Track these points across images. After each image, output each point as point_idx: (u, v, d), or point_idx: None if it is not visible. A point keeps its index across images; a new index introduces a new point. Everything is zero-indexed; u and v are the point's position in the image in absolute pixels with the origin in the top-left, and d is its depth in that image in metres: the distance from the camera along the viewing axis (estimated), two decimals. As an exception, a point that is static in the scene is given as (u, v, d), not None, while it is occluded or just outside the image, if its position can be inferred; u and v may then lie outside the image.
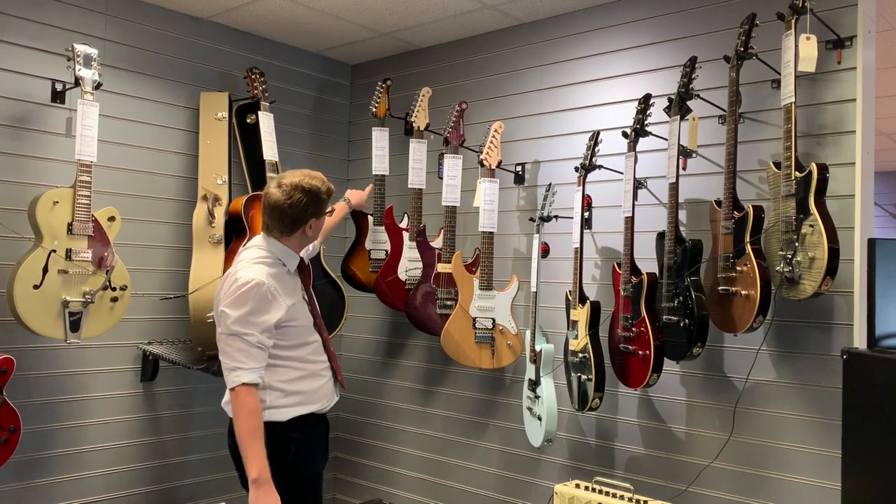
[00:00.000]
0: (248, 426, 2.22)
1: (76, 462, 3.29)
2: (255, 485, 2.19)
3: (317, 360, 2.47)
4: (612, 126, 3.21)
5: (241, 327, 2.26)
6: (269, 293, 2.30)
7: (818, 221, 2.41)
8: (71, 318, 2.90)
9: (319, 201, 2.41)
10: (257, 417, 2.24)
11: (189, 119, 3.66)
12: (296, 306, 2.40)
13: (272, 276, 2.35)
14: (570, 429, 3.34)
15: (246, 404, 2.24)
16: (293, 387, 2.40)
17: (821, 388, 2.67)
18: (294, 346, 2.41)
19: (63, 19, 3.24)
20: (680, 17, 3.11)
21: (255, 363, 2.27)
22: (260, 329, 2.28)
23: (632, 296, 2.88)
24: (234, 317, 2.26)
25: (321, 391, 2.47)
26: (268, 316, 2.29)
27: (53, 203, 2.86)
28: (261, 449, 2.22)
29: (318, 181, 2.42)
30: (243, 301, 2.27)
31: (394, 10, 3.53)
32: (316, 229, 2.46)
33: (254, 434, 2.22)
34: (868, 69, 2.66)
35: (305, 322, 2.45)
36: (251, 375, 2.26)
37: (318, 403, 2.46)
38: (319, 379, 2.47)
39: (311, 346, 2.46)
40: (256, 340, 2.27)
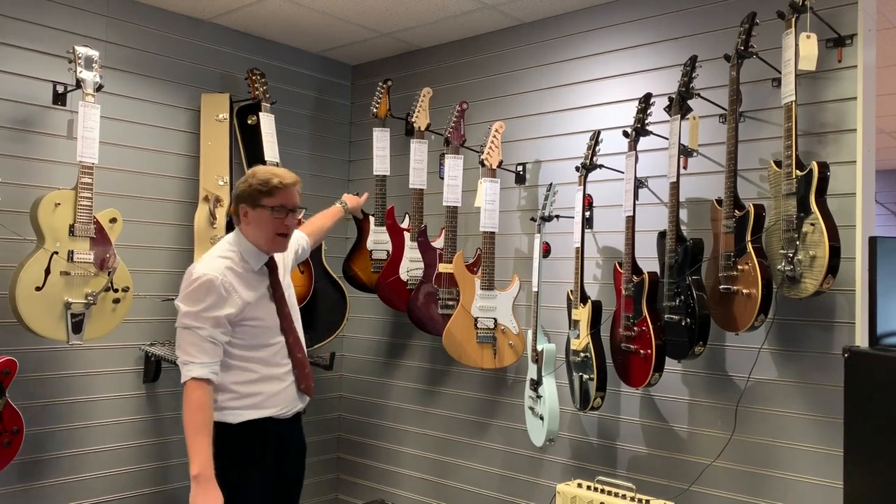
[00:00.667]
0: (192, 421, 2.19)
1: (79, 463, 3.30)
2: (196, 481, 2.15)
3: (278, 363, 2.40)
4: (613, 125, 3.21)
5: (192, 321, 2.24)
6: (222, 288, 2.26)
7: (819, 220, 2.41)
8: (73, 319, 2.90)
9: (251, 189, 2.33)
10: (203, 413, 2.20)
11: (190, 120, 3.67)
12: (257, 305, 2.35)
13: (230, 271, 2.31)
14: (572, 428, 3.34)
15: (192, 399, 2.20)
16: (247, 389, 2.33)
17: (823, 386, 2.67)
18: (253, 346, 2.35)
19: (64, 21, 3.25)
20: (680, 17, 3.11)
21: (207, 358, 2.24)
22: (211, 324, 2.24)
23: (633, 295, 2.88)
24: (185, 311, 2.26)
25: (280, 396, 2.39)
26: (219, 311, 2.25)
27: (55, 205, 2.87)
28: (204, 445, 2.17)
29: (265, 173, 2.36)
30: (195, 296, 2.26)
31: (394, 10, 3.53)
32: (255, 221, 2.35)
33: (199, 430, 2.18)
34: (869, 67, 2.66)
35: (269, 323, 2.38)
36: (202, 370, 2.22)
37: (274, 408, 2.38)
38: (278, 383, 2.39)
39: (273, 348, 2.39)
40: (207, 334, 2.23)
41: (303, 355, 2.48)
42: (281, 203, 2.35)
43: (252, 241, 2.38)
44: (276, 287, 2.43)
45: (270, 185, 2.33)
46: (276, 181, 2.33)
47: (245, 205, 2.36)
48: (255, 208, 2.34)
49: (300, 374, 2.45)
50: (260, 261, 2.40)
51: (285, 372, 2.41)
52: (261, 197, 2.33)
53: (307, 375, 2.48)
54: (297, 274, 3.56)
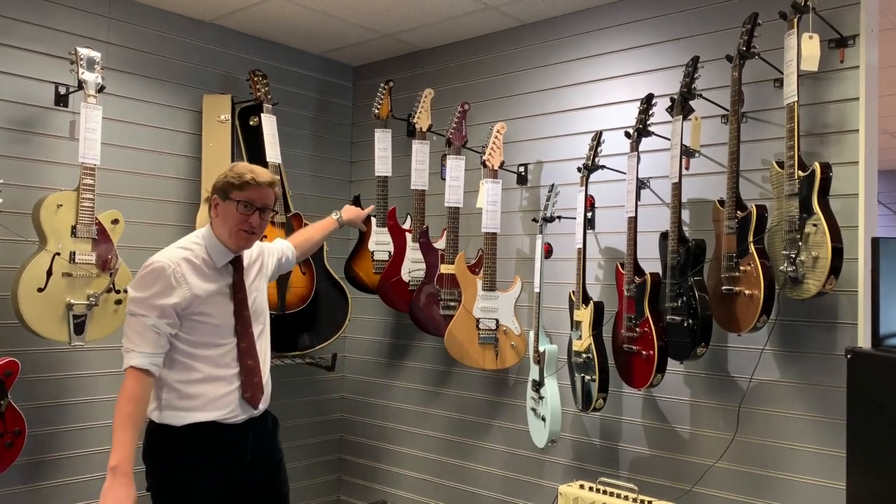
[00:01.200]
0: (121, 412, 2.15)
1: (81, 465, 3.30)
2: (112, 473, 2.10)
3: (226, 364, 2.31)
4: (615, 126, 3.21)
5: (138, 308, 2.20)
6: (172, 277, 2.21)
7: (822, 220, 2.41)
8: (75, 320, 2.90)
9: (225, 181, 2.29)
10: (133, 406, 2.15)
11: (192, 121, 3.67)
12: (209, 300, 2.28)
13: (185, 262, 2.26)
14: (573, 429, 3.33)
15: (126, 389, 2.16)
16: (191, 389, 2.26)
17: (825, 387, 2.66)
18: (200, 344, 2.27)
19: (66, 23, 3.25)
20: (682, 17, 3.11)
21: (148, 347, 2.18)
22: (157, 313, 2.19)
23: (635, 296, 2.88)
24: (133, 296, 2.22)
25: (225, 399, 2.30)
26: (165, 300, 2.20)
27: (57, 206, 2.87)
28: (127, 438, 2.12)
29: (242, 168, 2.33)
30: (143, 283, 2.22)
31: (395, 11, 3.53)
32: (223, 214, 2.30)
33: (125, 421, 2.14)
34: (871, 68, 2.66)
35: (220, 321, 2.30)
36: (141, 359, 2.17)
37: (218, 411, 2.28)
38: (223, 385, 2.30)
39: (221, 349, 2.30)
40: (152, 324, 2.18)
41: (254, 363, 2.36)
42: (249, 199, 2.29)
43: (218, 237, 2.33)
44: (237, 287, 2.36)
45: (243, 179, 2.28)
46: (249, 176, 2.29)
47: (217, 195, 2.32)
48: (224, 200, 2.30)
49: (246, 382, 2.33)
50: (224, 258, 2.33)
51: (232, 375, 2.31)
52: (231, 190, 2.29)
53: (255, 385, 2.35)
54: (299, 275, 3.56)
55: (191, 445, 2.27)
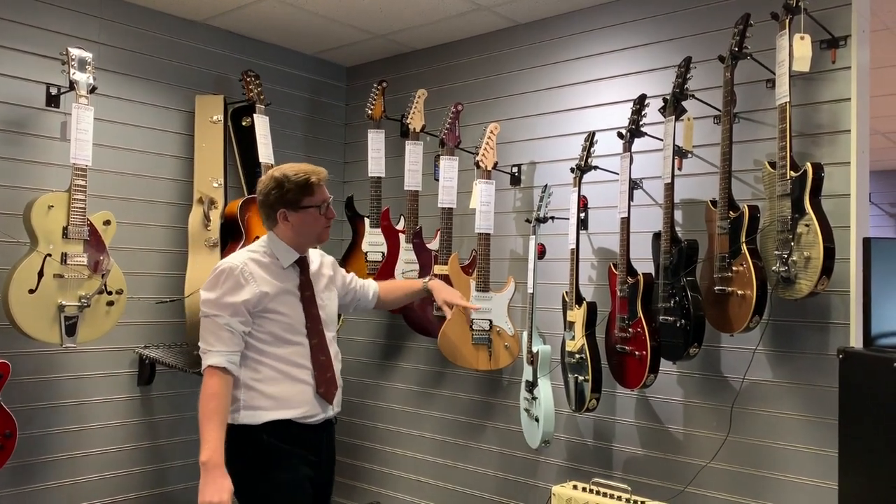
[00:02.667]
0: (205, 408, 2.19)
1: (73, 467, 3.28)
2: (204, 468, 2.15)
3: (298, 363, 2.34)
4: (608, 127, 3.21)
5: (210, 308, 2.25)
6: (241, 276, 2.26)
7: (814, 221, 2.42)
8: (67, 322, 2.89)
9: (284, 190, 2.31)
10: (216, 401, 2.20)
11: (184, 122, 3.66)
12: (279, 298, 2.31)
13: (253, 262, 2.31)
14: (567, 430, 3.34)
15: (207, 386, 2.21)
16: (268, 388, 2.29)
17: (817, 387, 2.67)
18: (272, 342, 2.31)
19: (57, 23, 3.24)
20: (674, 18, 3.11)
21: (223, 346, 2.23)
22: (229, 311, 2.23)
23: (628, 296, 2.88)
24: (205, 299, 2.27)
25: (299, 398, 2.33)
26: (236, 297, 2.24)
27: (48, 207, 2.86)
28: (214, 432, 2.17)
29: (293, 170, 2.33)
30: (214, 283, 2.27)
31: (388, 12, 3.53)
32: (298, 223, 2.33)
33: (210, 416, 2.18)
34: (862, 68, 2.67)
35: (291, 320, 2.33)
36: (217, 358, 2.22)
37: (296, 409, 2.32)
38: (297, 384, 2.33)
39: (293, 347, 2.33)
40: (225, 322, 2.23)
41: (326, 359, 2.40)
42: (323, 198, 2.36)
43: (287, 241, 2.36)
44: (305, 286, 2.39)
45: (310, 183, 2.32)
46: (313, 178, 2.33)
47: (284, 209, 2.33)
48: (296, 211, 2.33)
49: (320, 377, 2.36)
50: (290, 258, 2.37)
51: (305, 372, 2.35)
52: (303, 197, 2.32)
53: (328, 380, 2.39)
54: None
55: (270, 444, 2.29)
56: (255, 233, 3.42)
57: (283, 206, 2.33)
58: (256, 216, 3.46)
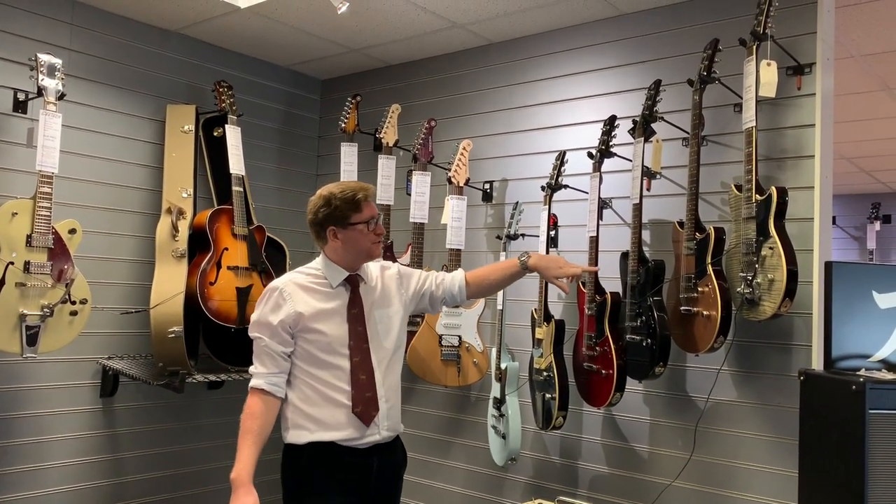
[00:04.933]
0: (242, 427, 2.22)
1: (32, 479, 3.21)
2: (233, 485, 2.17)
3: (335, 385, 2.26)
4: (578, 146, 3.25)
5: (254, 331, 2.28)
6: (281, 296, 2.26)
7: (777, 244, 2.45)
8: (28, 331, 2.84)
9: (332, 207, 2.29)
10: (252, 420, 2.21)
11: (155, 131, 3.63)
12: (321, 317, 2.27)
13: (296, 283, 2.30)
14: (534, 447, 3.34)
15: (247, 406, 2.24)
16: (309, 409, 2.27)
17: (780, 408, 2.70)
18: (313, 363, 2.27)
19: (27, 28, 3.20)
20: (645, 41, 3.16)
21: (264, 368, 2.25)
22: (268, 333, 2.24)
23: (596, 315, 2.90)
24: (252, 320, 2.30)
25: (338, 420, 2.25)
26: (273, 318, 2.24)
27: (12, 214, 2.81)
28: (245, 451, 2.18)
29: (339, 188, 2.32)
30: (259, 305, 2.30)
31: (364, 27, 3.54)
32: (347, 240, 2.30)
33: (244, 435, 2.20)
34: (827, 95, 2.72)
35: (331, 339, 2.27)
36: (257, 380, 2.25)
37: (337, 432, 2.25)
38: (334, 407, 2.26)
39: (335, 370, 2.27)
40: (264, 345, 2.24)
41: (368, 377, 2.30)
42: (372, 214, 2.33)
43: (337, 260, 2.33)
44: (353, 304, 2.33)
45: (357, 199, 2.30)
46: (361, 195, 2.31)
47: (334, 226, 2.30)
48: (345, 228, 2.30)
49: (357, 396, 2.27)
50: (339, 276, 2.33)
51: (342, 396, 2.27)
52: (352, 214, 2.30)
53: (366, 400, 2.28)
54: (260, 287, 3.52)
55: (314, 465, 2.26)
56: (223, 244, 3.40)
57: (333, 224, 2.31)
58: (225, 227, 3.44)
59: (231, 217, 3.45)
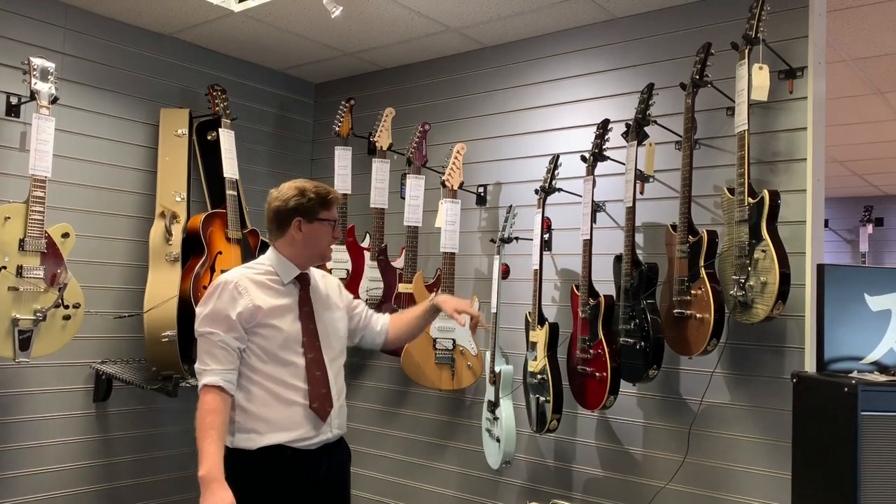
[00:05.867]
0: (201, 423, 2.14)
1: (25, 484, 3.20)
2: (203, 483, 2.09)
3: (290, 383, 2.25)
4: (572, 150, 3.25)
5: (205, 326, 2.21)
6: (235, 290, 2.22)
7: (770, 247, 2.46)
8: (21, 336, 2.83)
9: (305, 198, 2.29)
10: (213, 416, 2.14)
11: (148, 135, 3.62)
12: (274, 313, 2.25)
13: (249, 279, 2.26)
14: (528, 450, 3.34)
15: (203, 402, 2.16)
16: (260, 410, 2.22)
17: (774, 410, 2.71)
18: (266, 360, 2.24)
19: (20, 32, 3.19)
20: (638, 45, 3.17)
21: (218, 364, 2.18)
22: (223, 327, 2.19)
23: (590, 318, 2.90)
24: (199, 313, 2.24)
25: (292, 419, 2.24)
26: (230, 311, 2.19)
27: (5, 219, 2.80)
28: (212, 447, 2.11)
29: (312, 183, 2.34)
30: (207, 299, 2.24)
31: (358, 30, 3.54)
32: (309, 234, 2.30)
33: (206, 431, 2.13)
34: (819, 99, 2.74)
35: (286, 335, 2.26)
36: (212, 377, 2.17)
37: (290, 432, 2.23)
38: (288, 406, 2.24)
39: (289, 368, 2.26)
40: (219, 340, 2.19)
41: (322, 374, 2.31)
42: (335, 216, 2.37)
43: (290, 256, 2.33)
44: (304, 301, 2.34)
45: (329, 198, 2.33)
46: (332, 196, 2.34)
47: (301, 218, 2.30)
48: (311, 222, 2.31)
49: (313, 392, 2.27)
50: (291, 273, 2.33)
51: (297, 395, 2.26)
52: (320, 210, 2.32)
53: (322, 396, 2.29)
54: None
55: (264, 471, 2.22)
56: (216, 248, 3.39)
57: (301, 215, 2.30)
58: (219, 231, 3.43)
59: (225, 221, 3.45)
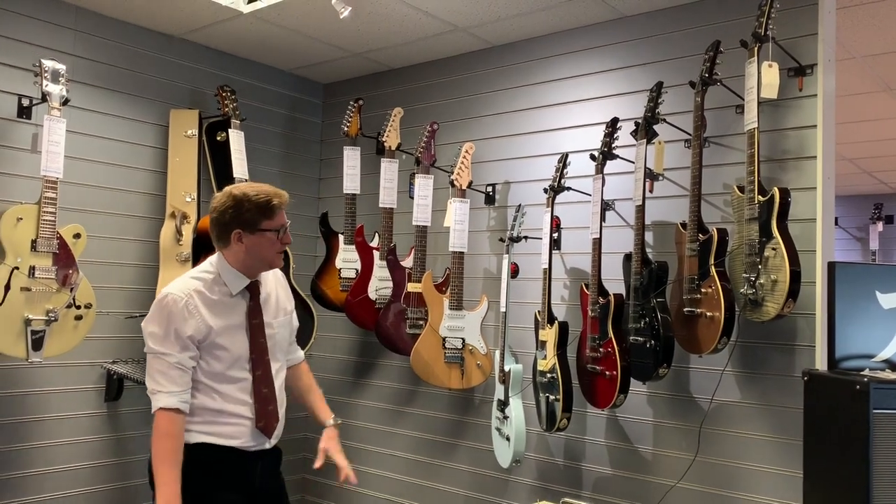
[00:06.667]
0: (158, 449, 2.09)
1: (37, 484, 3.22)
2: None
3: (238, 398, 2.22)
4: (581, 148, 3.25)
5: (158, 346, 2.13)
6: (186, 310, 2.14)
7: (780, 245, 2.46)
8: (33, 336, 2.85)
9: (242, 210, 2.17)
10: (170, 441, 2.09)
11: (158, 136, 3.64)
12: (224, 333, 2.19)
13: (198, 293, 2.18)
14: (538, 449, 3.34)
15: (159, 427, 2.10)
16: (204, 417, 2.19)
17: (784, 408, 2.71)
18: (214, 379, 2.19)
19: (31, 35, 3.21)
20: (647, 43, 3.16)
21: (175, 386, 2.12)
22: (178, 348, 2.12)
23: (599, 316, 2.90)
24: (151, 332, 2.14)
25: (238, 430, 2.22)
26: (184, 332, 2.12)
27: (17, 219, 2.82)
28: (170, 475, 2.06)
29: (254, 190, 2.20)
30: (158, 318, 2.14)
31: (366, 31, 3.55)
32: (252, 246, 2.19)
33: (164, 458, 2.08)
34: (829, 96, 2.73)
35: (235, 354, 2.21)
36: (169, 399, 2.10)
37: (232, 440, 2.21)
38: (234, 422, 2.21)
39: (237, 384, 2.21)
40: (175, 361, 2.12)
41: (269, 391, 2.26)
42: (282, 223, 2.23)
43: (237, 265, 2.23)
44: (254, 313, 2.26)
45: (271, 205, 2.20)
46: (275, 201, 2.20)
47: (240, 229, 2.19)
48: (253, 233, 2.19)
49: (261, 411, 2.24)
50: (240, 284, 2.24)
51: (244, 409, 2.22)
52: (261, 220, 2.19)
53: (269, 413, 2.26)
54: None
55: (203, 464, 2.19)
56: (227, 248, 3.40)
57: (239, 227, 2.18)
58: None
59: (235, 221, 3.45)
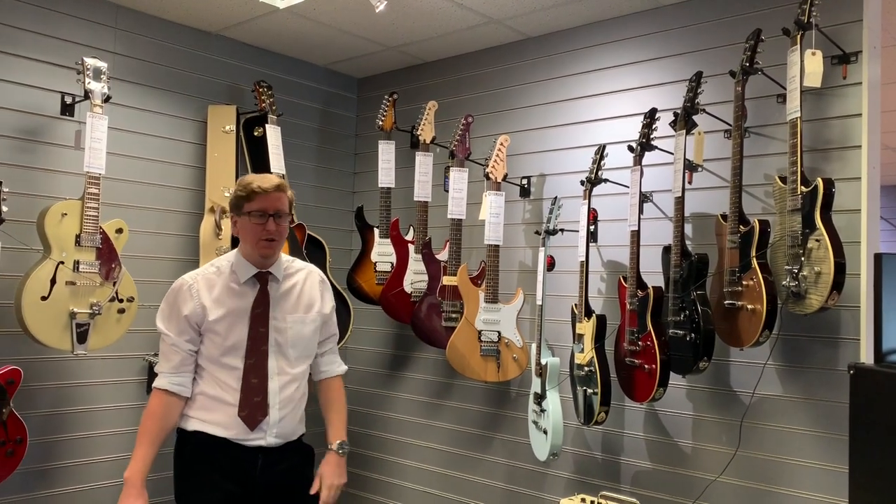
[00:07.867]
0: (140, 427, 2.23)
1: (82, 473, 3.29)
2: (125, 484, 2.20)
3: (230, 385, 2.25)
4: (618, 140, 3.22)
5: (161, 326, 2.28)
6: (188, 292, 2.26)
7: (824, 236, 2.41)
8: (78, 329, 2.91)
9: (235, 197, 2.29)
10: (151, 421, 2.22)
11: (197, 132, 3.69)
12: (224, 319, 2.25)
13: (204, 278, 2.30)
14: (575, 443, 3.33)
15: (148, 405, 2.25)
16: (202, 402, 2.27)
17: (828, 402, 2.66)
18: (209, 363, 2.27)
19: (73, 33, 3.28)
20: (686, 32, 3.12)
21: (170, 368, 2.24)
22: (175, 330, 2.25)
23: (638, 309, 2.88)
24: (159, 313, 2.31)
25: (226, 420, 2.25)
26: (179, 313, 2.24)
27: (62, 215, 2.88)
28: (141, 451, 2.20)
29: (248, 179, 2.31)
30: (164, 301, 2.31)
31: (400, 24, 3.55)
32: (242, 230, 2.30)
33: (141, 436, 2.22)
34: (873, 84, 2.67)
35: (229, 341, 2.26)
36: (161, 380, 2.25)
37: (225, 430, 2.24)
38: (224, 408, 2.24)
39: (231, 372, 2.25)
40: (172, 343, 2.25)
41: (260, 381, 2.27)
42: (261, 208, 2.25)
43: (242, 252, 2.33)
44: (258, 303, 2.30)
45: (249, 189, 2.27)
46: (255, 185, 2.26)
47: (233, 213, 2.32)
48: (240, 216, 2.30)
49: (244, 400, 2.24)
50: (247, 272, 2.31)
51: (234, 396, 2.25)
52: (242, 203, 2.28)
53: (253, 404, 2.25)
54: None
55: (197, 451, 2.27)
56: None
57: (232, 210, 2.33)
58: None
59: (272, 215, 3.49)
